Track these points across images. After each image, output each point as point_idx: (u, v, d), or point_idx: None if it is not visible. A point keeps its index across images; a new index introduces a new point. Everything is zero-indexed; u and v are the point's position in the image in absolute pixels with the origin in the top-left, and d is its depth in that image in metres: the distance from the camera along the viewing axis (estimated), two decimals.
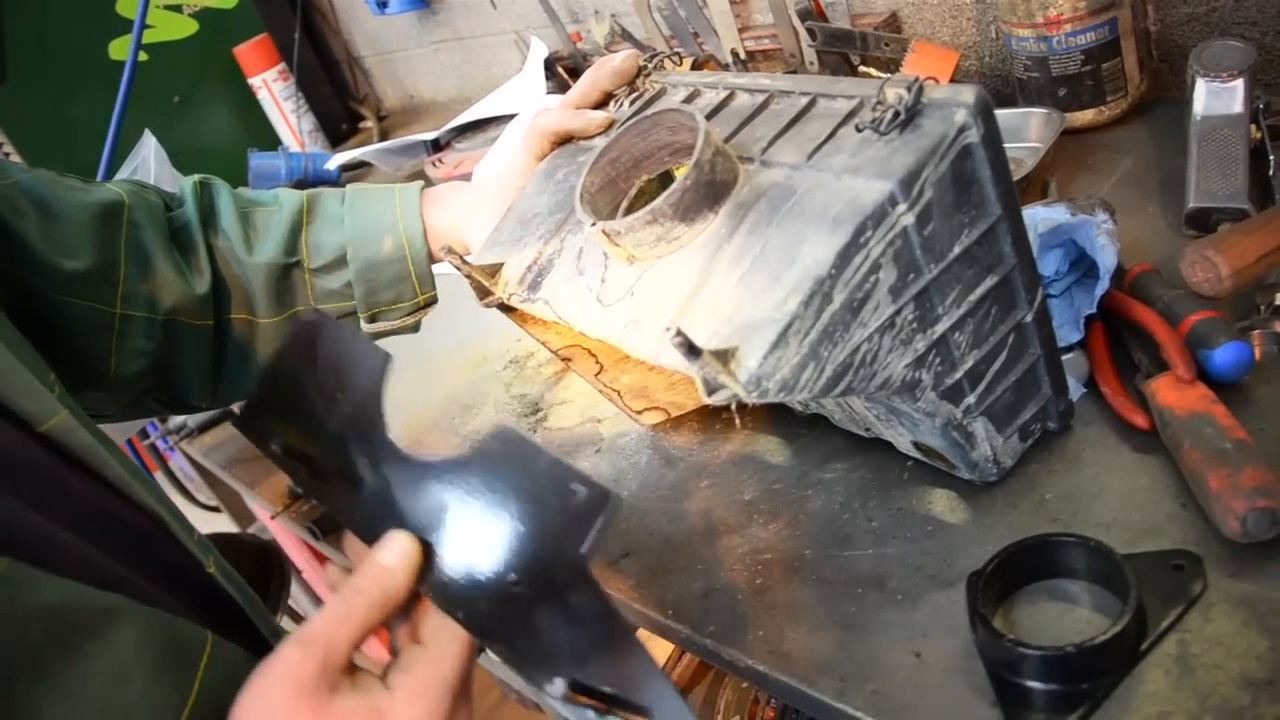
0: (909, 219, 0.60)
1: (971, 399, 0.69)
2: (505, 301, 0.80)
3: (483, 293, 0.81)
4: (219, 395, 0.97)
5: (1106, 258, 0.79)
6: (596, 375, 0.89)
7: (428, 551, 0.57)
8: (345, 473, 0.62)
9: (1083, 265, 0.85)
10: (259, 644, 0.64)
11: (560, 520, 0.52)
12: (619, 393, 0.90)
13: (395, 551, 0.56)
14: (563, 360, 0.88)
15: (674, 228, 0.67)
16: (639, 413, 0.92)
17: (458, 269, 0.81)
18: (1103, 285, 0.79)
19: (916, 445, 0.76)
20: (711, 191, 0.67)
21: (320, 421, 0.64)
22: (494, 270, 0.81)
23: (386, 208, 0.93)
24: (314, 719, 0.50)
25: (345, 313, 0.94)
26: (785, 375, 0.59)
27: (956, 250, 0.64)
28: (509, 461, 0.55)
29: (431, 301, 0.96)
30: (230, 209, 0.93)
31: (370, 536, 0.58)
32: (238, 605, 0.65)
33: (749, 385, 0.58)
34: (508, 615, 0.54)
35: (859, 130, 0.64)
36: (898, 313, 0.62)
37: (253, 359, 0.94)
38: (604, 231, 0.68)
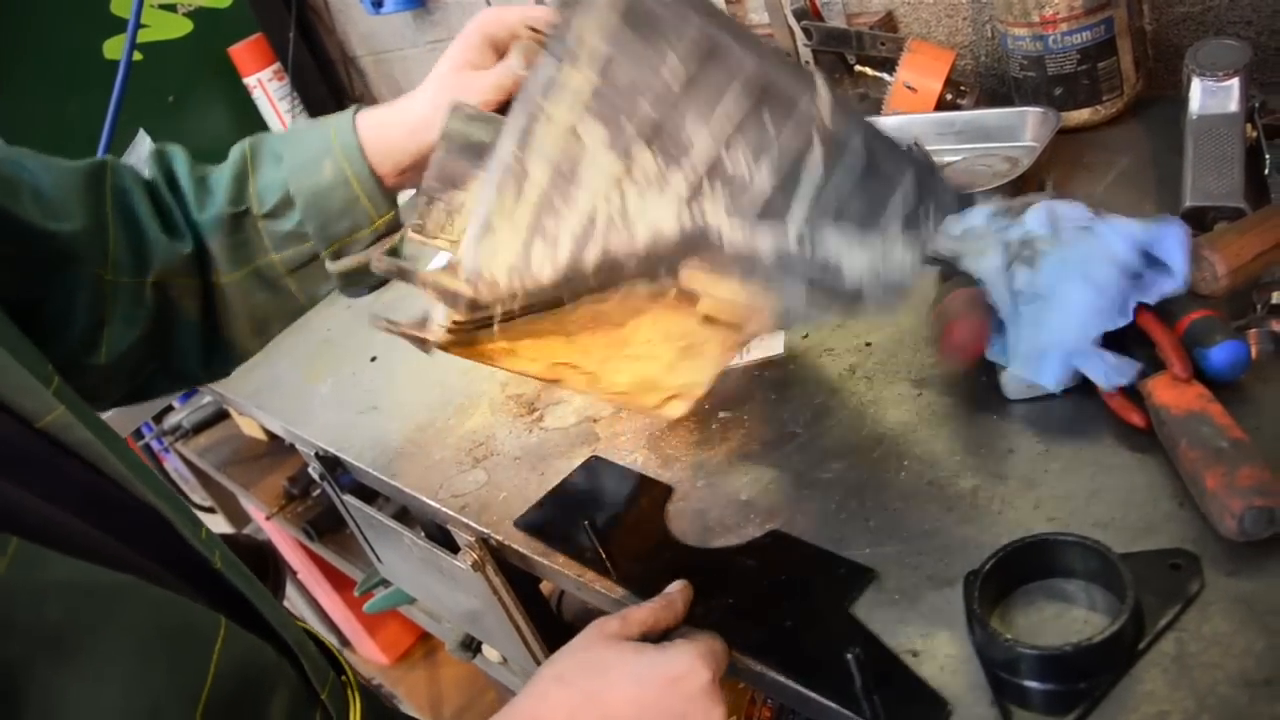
0: (582, 79, 0.61)
1: (798, 211, 0.65)
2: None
3: (421, 344, 0.74)
4: (214, 363, 0.95)
5: (1184, 261, 0.76)
6: (592, 387, 0.87)
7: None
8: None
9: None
10: (268, 633, 0.64)
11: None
12: (626, 394, 0.88)
13: (678, 588, 0.76)
14: (550, 383, 0.86)
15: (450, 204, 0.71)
16: (658, 408, 0.89)
17: (389, 331, 0.76)
18: (1174, 284, 0.76)
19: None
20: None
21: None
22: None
23: (320, 133, 0.89)
24: (608, 647, 0.70)
25: (308, 257, 0.90)
26: (510, 259, 0.61)
27: (671, 81, 0.62)
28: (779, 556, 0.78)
29: (395, 226, 0.90)
30: (186, 172, 0.91)
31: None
32: (245, 599, 0.65)
33: (470, 279, 0.61)
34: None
35: None
36: (628, 161, 0.62)
37: (232, 323, 0.92)
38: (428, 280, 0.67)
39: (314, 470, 1.27)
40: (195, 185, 0.90)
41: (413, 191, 0.83)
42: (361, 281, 0.93)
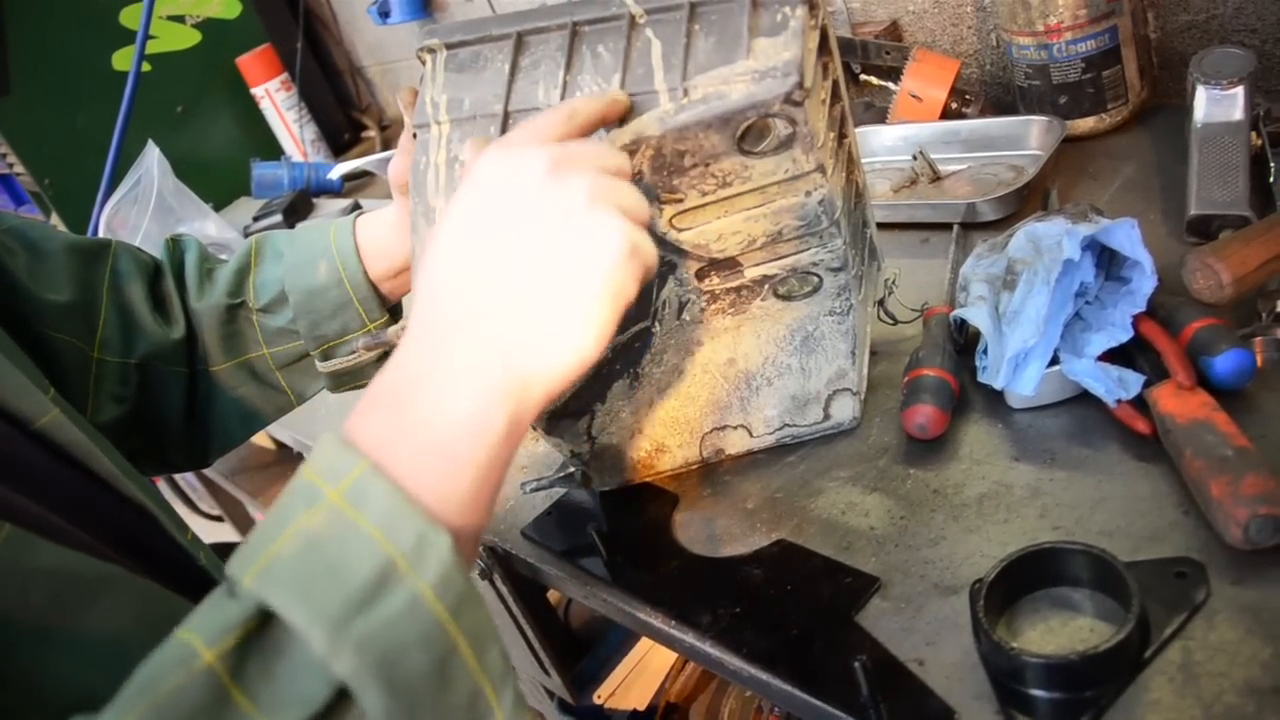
0: (443, 127, 0.74)
1: (661, 81, 0.68)
2: None
3: None
4: (194, 451, 0.95)
5: (1148, 255, 0.78)
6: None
7: None
8: None
9: (1103, 268, 0.84)
10: None
11: None
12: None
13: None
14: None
15: None
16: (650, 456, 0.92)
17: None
18: (1152, 281, 0.78)
19: None
20: None
21: None
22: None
23: (320, 234, 0.90)
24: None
25: (297, 355, 0.91)
26: None
27: (503, 78, 0.72)
28: None
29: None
30: (194, 261, 0.92)
31: None
32: None
33: None
34: None
35: None
36: None
37: (218, 412, 0.93)
38: None
39: None
40: (200, 275, 0.91)
41: None
42: (352, 383, 0.94)
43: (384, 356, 0.92)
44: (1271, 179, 0.92)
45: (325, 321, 0.89)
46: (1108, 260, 0.83)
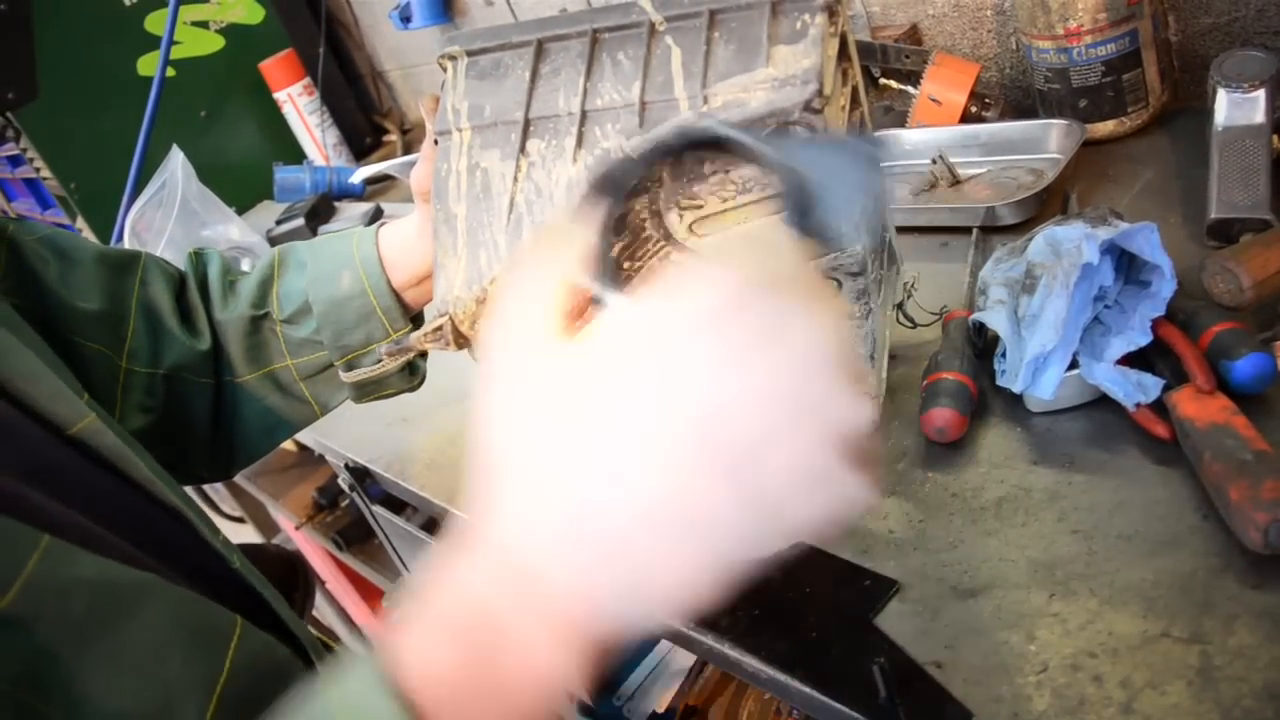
0: (464, 133, 0.76)
1: (681, 89, 0.70)
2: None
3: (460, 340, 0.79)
4: (219, 462, 0.95)
5: (1168, 259, 0.78)
6: None
7: None
8: None
9: (1122, 272, 0.84)
10: (284, 636, 0.66)
11: None
12: None
13: None
14: None
15: None
16: None
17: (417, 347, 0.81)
18: (1171, 285, 0.78)
19: None
20: None
21: None
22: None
23: (343, 244, 0.91)
24: None
25: (322, 365, 0.92)
26: (463, 276, 0.74)
27: (524, 85, 0.74)
28: None
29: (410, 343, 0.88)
30: (217, 273, 0.93)
31: None
32: (263, 599, 0.67)
33: (442, 310, 0.74)
34: None
35: None
36: (523, 157, 0.73)
37: (242, 423, 0.93)
38: None
39: (343, 481, 1.29)
40: (224, 287, 0.92)
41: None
42: (376, 393, 0.94)
43: (408, 364, 0.93)
44: None
45: (349, 332, 0.89)
46: (1127, 264, 0.83)
